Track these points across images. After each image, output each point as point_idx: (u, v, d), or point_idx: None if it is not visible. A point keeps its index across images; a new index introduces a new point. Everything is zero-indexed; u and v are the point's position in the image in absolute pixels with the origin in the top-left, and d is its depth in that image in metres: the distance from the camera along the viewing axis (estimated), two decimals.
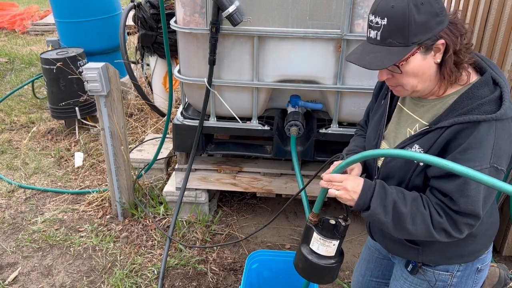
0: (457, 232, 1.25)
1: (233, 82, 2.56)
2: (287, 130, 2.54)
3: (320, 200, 1.44)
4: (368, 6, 2.27)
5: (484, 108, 1.19)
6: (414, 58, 1.21)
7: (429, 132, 1.28)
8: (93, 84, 2.65)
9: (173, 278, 2.67)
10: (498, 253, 2.82)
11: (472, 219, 1.23)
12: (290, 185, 2.95)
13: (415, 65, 1.22)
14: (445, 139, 1.23)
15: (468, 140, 1.19)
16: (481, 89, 1.23)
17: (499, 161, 1.19)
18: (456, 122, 1.21)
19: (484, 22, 2.88)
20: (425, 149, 1.28)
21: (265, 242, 2.99)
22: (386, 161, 1.42)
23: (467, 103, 1.23)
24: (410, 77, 1.24)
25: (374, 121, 1.54)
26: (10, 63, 6.55)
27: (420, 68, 1.23)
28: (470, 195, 1.19)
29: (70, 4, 4.46)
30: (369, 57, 1.22)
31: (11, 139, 4.34)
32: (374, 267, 1.77)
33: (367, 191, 1.29)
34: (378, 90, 1.61)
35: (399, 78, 1.26)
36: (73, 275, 2.71)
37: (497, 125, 1.19)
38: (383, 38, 1.20)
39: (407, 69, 1.23)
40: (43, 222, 3.16)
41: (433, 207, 1.26)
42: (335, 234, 1.43)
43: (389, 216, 1.27)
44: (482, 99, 1.21)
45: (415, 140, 1.32)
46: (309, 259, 1.47)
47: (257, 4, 2.31)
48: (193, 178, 2.97)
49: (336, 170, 1.33)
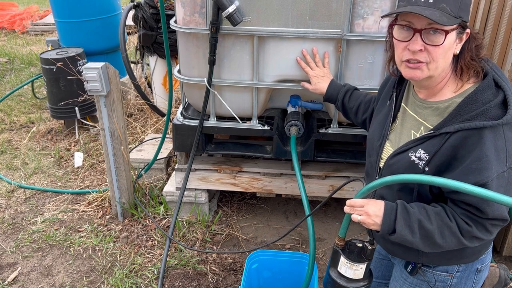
0: (487, 235, 1.26)
1: (233, 82, 2.55)
2: (287, 130, 2.54)
3: (345, 225, 1.45)
4: (368, 6, 2.26)
5: (490, 113, 1.18)
6: (451, 36, 1.19)
7: (434, 136, 1.27)
8: (93, 84, 2.65)
9: (173, 278, 2.67)
10: (498, 253, 2.82)
11: (501, 221, 1.25)
12: (290, 185, 2.95)
13: (450, 43, 1.21)
14: (452, 146, 1.22)
15: (478, 147, 1.18)
16: (484, 93, 1.22)
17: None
18: (462, 128, 1.19)
19: (484, 22, 2.88)
20: (430, 154, 1.26)
21: (265, 242, 2.99)
22: (388, 163, 1.41)
23: (472, 107, 1.21)
24: (441, 55, 1.22)
25: (377, 121, 1.54)
26: (10, 63, 6.55)
27: (450, 48, 1.22)
28: (495, 203, 1.18)
29: (70, 4, 4.45)
30: (428, 12, 1.16)
31: (11, 139, 4.34)
32: (374, 267, 1.77)
33: (390, 215, 1.29)
34: (382, 87, 1.61)
35: (433, 52, 1.22)
36: (73, 275, 2.71)
37: (504, 128, 1.18)
38: (438, 1, 1.16)
39: (445, 44, 1.20)
40: (43, 222, 3.16)
41: (459, 217, 1.26)
42: (362, 258, 1.43)
43: (416, 235, 1.27)
44: (486, 103, 1.20)
45: (419, 143, 1.30)
46: (338, 283, 1.47)
47: (257, 4, 2.31)
48: (193, 178, 2.97)
49: (358, 195, 1.34)
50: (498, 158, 1.18)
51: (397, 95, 1.48)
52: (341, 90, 2.00)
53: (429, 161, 1.27)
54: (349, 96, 1.96)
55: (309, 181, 2.90)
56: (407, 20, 1.23)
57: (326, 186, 2.92)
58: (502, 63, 2.66)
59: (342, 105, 1.99)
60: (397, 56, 1.31)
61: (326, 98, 2.09)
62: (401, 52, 1.28)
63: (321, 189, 2.93)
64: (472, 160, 1.18)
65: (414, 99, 1.40)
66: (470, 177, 1.19)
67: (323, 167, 2.97)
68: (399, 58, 1.31)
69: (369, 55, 2.39)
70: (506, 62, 2.61)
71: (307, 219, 2.10)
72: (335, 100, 2.05)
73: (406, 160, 1.33)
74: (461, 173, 1.21)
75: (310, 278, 2.04)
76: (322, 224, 3.14)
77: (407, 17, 1.23)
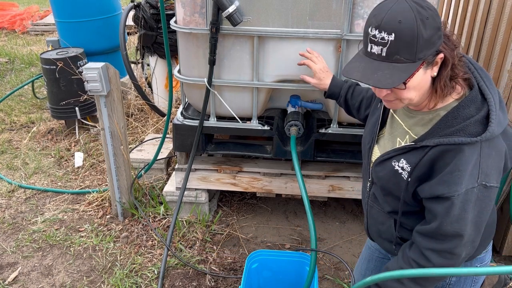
0: (454, 258, 1.29)
1: (233, 82, 2.56)
2: (287, 130, 2.54)
3: None
4: (368, 6, 2.27)
5: (469, 129, 1.19)
6: (417, 74, 1.20)
7: (415, 148, 1.29)
8: (93, 84, 2.65)
9: (173, 278, 2.67)
10: (498, 253, 2.82)
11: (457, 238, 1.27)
12: (290, 185, 2.95)
13: (417, 80, 1.21)
14: (431, 159, 1.25)
15: (454, 162, 1.20)
16: (466, 108, 1.22)
17: (487, 178, 1.20)
18: (440, 143, 1.21)
19: (484, 22, 2.88)
20: (412, 165, 1.29)
21: (265, 242, 2.99)
22: (375, 170, 1.44)
23: (452, 123, 1.22)
24: (410, 92, 1.23)
25: (370, 124, 1.56)
26: (10, 63, 6.55)
27: (420, 83, 1.22)
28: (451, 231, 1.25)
29: (70, 4, 4.46)
30: (377, 75, 1.19)
31: (11, 139, 4.34)
32: (374, 266, 1.78)
33: None
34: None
35: (399, 93, 1.24)
36: (73, 275, 2.71)
37: (482, 145, 1.19)
38: (390, 54, 1.16)
39: (409, 85, 1.21)
40: (43, 222, 3.17)
41: (418, 254, 1.32)
42: None
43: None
44: (467, 120, 1.21)
45: (402, 153, 1.33)
46: None
47: (257, 4, 2.31)
48: (193, 178, 2.98)
49: None
50: (471, 173, 1.19)
51: None
52: (344, 86, 1.97)
53: (411, 172, 1.30)
54: (352, 92, 1.92)
55: (309, 181, 2.90)
56: None
57: (326, 186, 2.92)
58: (502, 63, 2.66)
59: (345, 101, 1.96)
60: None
61: (329, 94, 2.04)
62: (373, 90, 1.33)
63: (321, 189, 2.93)
64: (445, 172, 1.21)
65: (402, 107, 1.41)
66: (439, 188, 1.23)
67: (323, 167, 2.97)
68: None
69: None
70: (506, 62, 2.61)
71: (308, 219, 2.11)
72: (337, 97, 2.00)
73: (390, 169, 1.36)
74: (434, 183, 1.24)
75: (311, 278, 2.04)
76: (322, 224, 3.14)
77: None
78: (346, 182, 2.91)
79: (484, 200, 1.23)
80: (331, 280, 2.68)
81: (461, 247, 1.26)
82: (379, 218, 1.51)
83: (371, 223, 1.57)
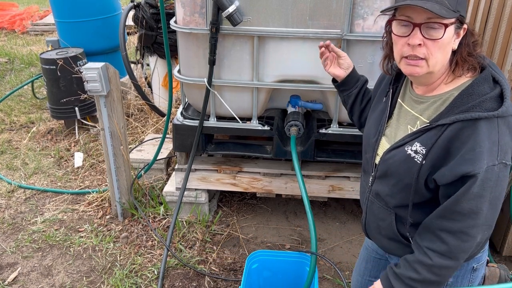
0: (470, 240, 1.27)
1: (233, 82, 2.55)
2: (287, 130, 2.54)
3: None
4: (368, 6, 2.27)
5: (485, 105, 1.19)
6: (449, 30, 1.20)
7: (430, 129, 1.27)
8: (93, 84, 2.65)
9: (173, 278, 2.67)
10: (498, 253, 2.82)
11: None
12: (290, 185, 2.95)
13: (449, 37, 1.21)
14: (448, 138, 1.22)
15: (472, 138, 1.18)
16: (481, 86, 1.23)
17: (506, 156, 1.20)
18: (458, 119, 1.20)
19: (484, 22, 2.88)
20: (427, 147, 1.27)
21: (265, 242, 2.99)
22: (384, 159, 1.41)
23: (468, 100, 1.22)
24: (440, 50, 1.22)
25: (373, 118, 1.54)
26: (10, 63, 6.55)
27: (448, 43, 1.22)
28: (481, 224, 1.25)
29: (70, 4, 4.46)
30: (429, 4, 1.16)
31: (11, 139, 4.34)
32: (372, 267, 1.77)
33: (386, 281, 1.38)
34: (377, 86, 1.61)
35: (431, 47, 1.22)
36: (73, 275, 2.71)
37: (499, 122, 1.19)
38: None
39: (444, 39, 1.20)
40: (43, 222, 3.16)
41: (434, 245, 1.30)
42: None
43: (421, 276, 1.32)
44: (482, 96, 1.21)
45: (416, 137, 1.31)
46: None
47: (257, 4, 2.31)
48: (193, 178, 2.97)
49: None
50: (491, 150, 1.18)
51: (394, 92, 1.48)
52: (361, 79, 1.80)
53: (426, 155, 1.27)
54: (365, 89, 1.80)
55: (309, 181, 2.90)
56: (406, 15, 1.24)
57: (326, 186, 2.92)
58: (502, 63, 2.66)
59: (356, 94, 1.77)
60: (397, 53, 1.32)
61: (345, 81, 1.78)
62: (400, 48, 1.29)
63: (321, 189, 2.93)
64: (466, 150, 1.19)
65: (411, 95, 1.41)
66: (463, 167, 1.19)
67: (323, 167, 2.97)
68: (398, 54, 1.31)
69: (369, 55, 2.39)
70: (506, 62, 2.61)
71: (308, 219, 2.10)
72: (351, 86, 1.78)
73: (402, 154, 1.33)
74: (455, 164, 1.21)
75: (311, 278, 2.04)
76: (322, 224, 3.14)
77: (406, 12, 1.24)
78: (346, 182, 2.91)
79: (504, 179, 1.22)
80: (331, 280, 2.68)
81: (477, 228, 1.24)
82: (380, 214, 1.50)
83: (371, 219, 1.56)
